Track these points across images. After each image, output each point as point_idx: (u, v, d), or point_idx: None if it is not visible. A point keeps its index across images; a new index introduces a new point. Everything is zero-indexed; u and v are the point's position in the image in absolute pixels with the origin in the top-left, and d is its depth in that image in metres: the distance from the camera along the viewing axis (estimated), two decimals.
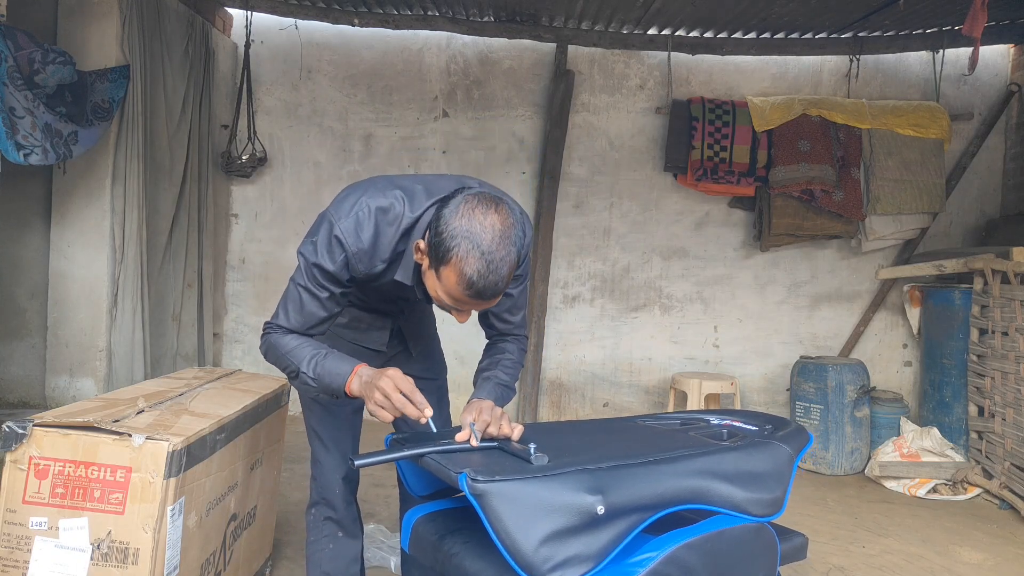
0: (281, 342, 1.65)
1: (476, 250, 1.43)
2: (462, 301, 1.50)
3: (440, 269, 1.47)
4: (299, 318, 1.65)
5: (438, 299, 1.54)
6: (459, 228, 1.44)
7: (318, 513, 1.95)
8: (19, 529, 1.65)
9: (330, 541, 1.93)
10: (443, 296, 1.51)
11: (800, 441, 1.71)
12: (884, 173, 4.72)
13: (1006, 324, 3.67)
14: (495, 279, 1.45)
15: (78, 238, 3.78)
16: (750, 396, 5.08)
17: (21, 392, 3.90)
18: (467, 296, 1.47)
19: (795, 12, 4.50)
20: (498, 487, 1.27)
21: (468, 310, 1.56)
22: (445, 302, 1.52)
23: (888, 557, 3.00)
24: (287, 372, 1.66)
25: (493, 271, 1.45)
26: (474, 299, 1.48)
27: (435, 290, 1.52)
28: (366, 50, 5.04)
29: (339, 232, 1.58)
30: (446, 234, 1.45)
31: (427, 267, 1.52)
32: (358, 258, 1.59)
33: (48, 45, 3.29)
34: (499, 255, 1.45)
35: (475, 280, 1.44)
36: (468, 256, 1.43)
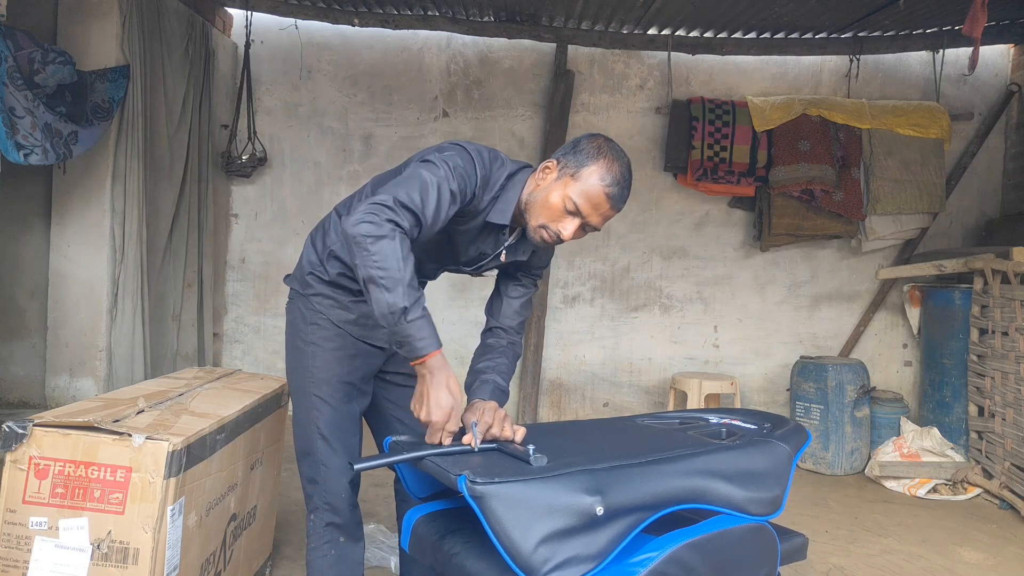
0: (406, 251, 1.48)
1: (620, 163, 1.66)
2: (593, 201, 1.65)
3: (582, 170, 1.64)
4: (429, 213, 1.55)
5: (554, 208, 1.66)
6: (606, 146, 1.67)
7: (319, 519, 1.87)
8: (19, 529, 1.65)
9: (332, 547, 1.87)
10: (571, 198, 1.64)
11: (799, 440, 1.71)
12: (884, 173, 4.72)
13: (1006, 324, 3.67)
14: (625, 193, 1.68)
15: (78, 238, 3.78)
16: (750, 396, 5.08)
17: (21, 392, 3.90)
18: (606, 193, 1.64)
19: (795, 12, 4.50)
20: (497, 489, 1.27)
21: (579, 219, 1.68)
22: (567, 206, 1.65)
23: (888, 557, 3.00)
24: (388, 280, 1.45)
25: (627, 184, 1.68)
26: (607, 199, 1.65)
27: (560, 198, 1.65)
28: (366, 50, 5.04)
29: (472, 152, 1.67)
30: (592, 147, 1.66)
31: (553, 180, 1.68)
32: (482, 180, 1.68)
33: (48, 45, 3.29)
34: (629, 179, 1.69)
35: (620, 178, 1.65)
36: (615, 163, 1.65)
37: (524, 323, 2.00)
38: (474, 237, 1.79)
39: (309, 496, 1.89)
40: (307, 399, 1.87)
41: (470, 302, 4.95)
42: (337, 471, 1.85)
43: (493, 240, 1.80)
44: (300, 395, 1.89)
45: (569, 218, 1.67)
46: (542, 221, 1.69)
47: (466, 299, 4.98)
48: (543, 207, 1.68)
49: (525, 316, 1.99)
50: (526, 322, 2.01)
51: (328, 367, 1.85)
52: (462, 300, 4.98)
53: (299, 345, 1.91)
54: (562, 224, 1.68)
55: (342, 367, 1.85)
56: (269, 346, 5.04)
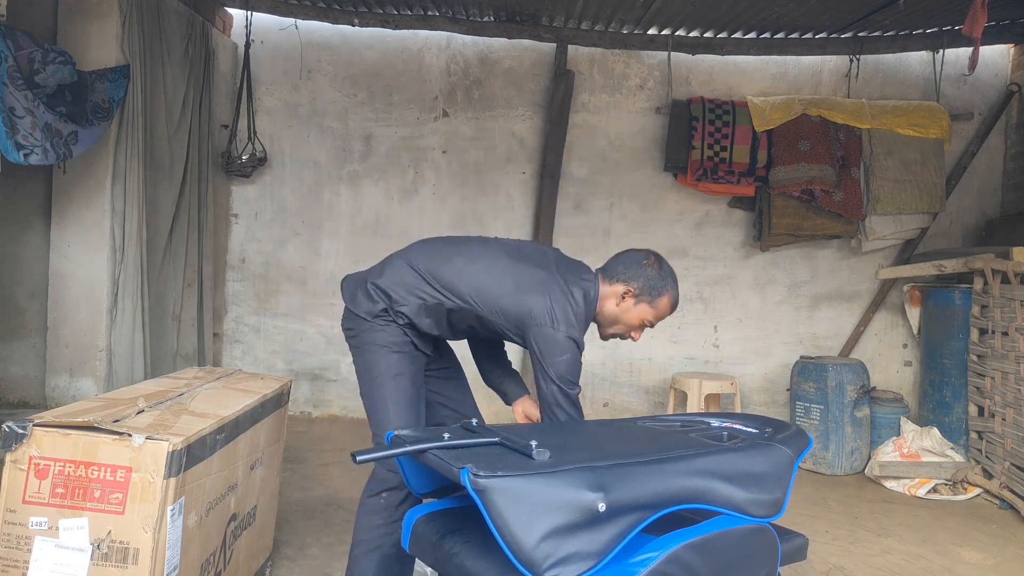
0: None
1: (675, 282, 2.21)
2: (662, 316, 2.21)
3: (657, 300, 2.17)
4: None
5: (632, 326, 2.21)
6: (667, 271, 2.19)
7: (392, 497, 2.00)
8: (19, 529, 1.65)
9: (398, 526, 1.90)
10: (648, 320, 2.20)
11: (800, 444, 1.71)
12: (884, 173, 4.72)
13: (1006, 324, 3.67)
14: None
15: (78, 238, 3.78)
16: (750, 396, 5.08)
17: (21, 392, 3.90)
18: (672, 309, 2.22)
19: (795, 12, 4.50)
20: (500, 483, 1.27)
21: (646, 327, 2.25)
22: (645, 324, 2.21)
23: (888, 557, 3.00)
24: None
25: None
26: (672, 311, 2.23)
27: (638, 320, 2.19)
28: (366, 50, 5.04)
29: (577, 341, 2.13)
30: (658, 276, 2.17)
31: (632, 306, 2.17)
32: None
33: (48, 45, 3.29)
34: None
35: (677, 300, 2.22)
36: (675, 286, 2.20)
37: None
38: None
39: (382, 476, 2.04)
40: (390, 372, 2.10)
41: None
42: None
43: None
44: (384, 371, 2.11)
45: (642, 330, 2.24)
46: (618, 331, 2.24)
47: None
48: (622, 323, 2.21)
49: None
50: None
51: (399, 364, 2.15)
52: None
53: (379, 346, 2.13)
54: (635, 333, 2.24)
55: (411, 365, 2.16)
56: (269, 346, 5.04)
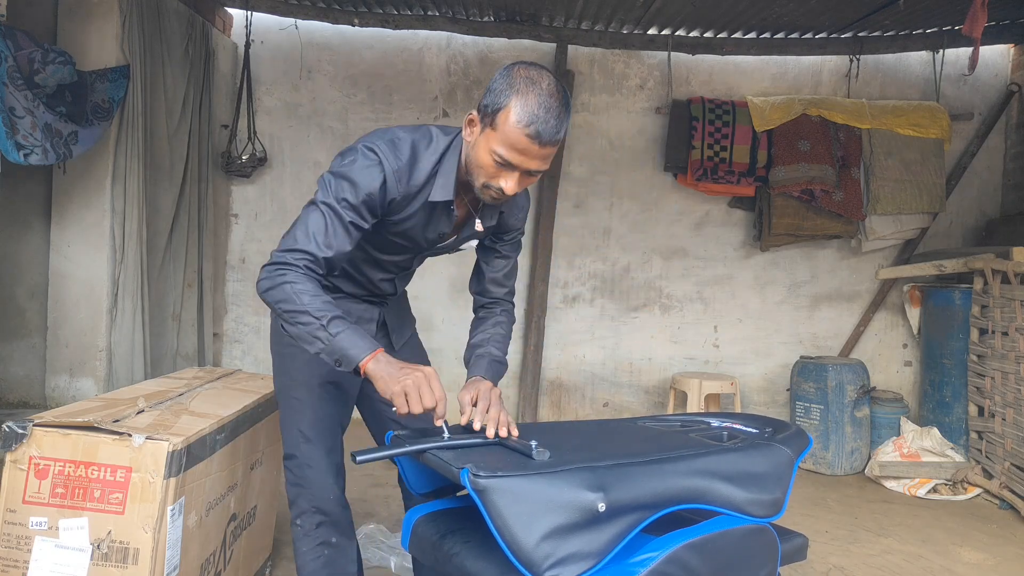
0: (300, 282, 1.52)
1: (535, 90, 1.48)
2: (518, 148, 1.50)
3: (497, 116, 1.50)
4: (325, 242, 1.56)
5: (486, 166, 1.55)
6: (517, 77, 1.50)
7: (307, 522, 1.82)
8: (19, 529, 1.65)
9: (325, 547, 1.83)
10: (496, 152, 1.52)
11: (800, 444, 1.71)
12: (884, 173, 4.72)
13: (1006, 324, 3.67)
14: (555, 122, 1.49)
15: (78, 238, 3.78)
16: (750, 396, 5.08)
17: (21, 392, 3.90)
18: (526, 136, 1.48)
19: (795, 12, 4.50)
20: (500, 483, 1.27)
21: (517, 171, 1.55)
22: (496, 160, 1.53)
23: (888, 557, 3.00)
24: (294, 316, 1.51)
25: (552, 113, 1.48)
26: (532, 140, 1.48)
27: (487, 153, 1.54)
28: (366, 50, 5.04)
29: (377, 150, 1.60)
30: (503, 84, 1.51)
31: (478, 135, 1.56)
32: (397, 176, 1.61)
33: (48, 45, 3.29)
34: (556, 102, 1.49)
35: (534, 119, 1.47)
36: (529, 94, 1.48)
37: (513, 290, 1.99)
38: (425, 222, 1.74)
39: (293, 501, 1.85)
40: (288, 402, 1.86)
41: (471, 301, 4.94)
42: (322, 472, 1.82)
43: (447, 218, 1.75)
44: (282, 398, 1.89)
45: (504, 171, 1.55)
46: (482, 180, 1.59)
47: (467, 299, 4.93)
48: (477, 167, 1.58)
49: (511, 283, 1.98)
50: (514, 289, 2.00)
51: (308, 368, 1.84)
52: (463, 300, 4.98)
53: (279, 348, 1.92)
54: (501, 179, 1.56)
55: (322, 367, 1.80)
56: (269, 346, 5.03)
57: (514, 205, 1.87)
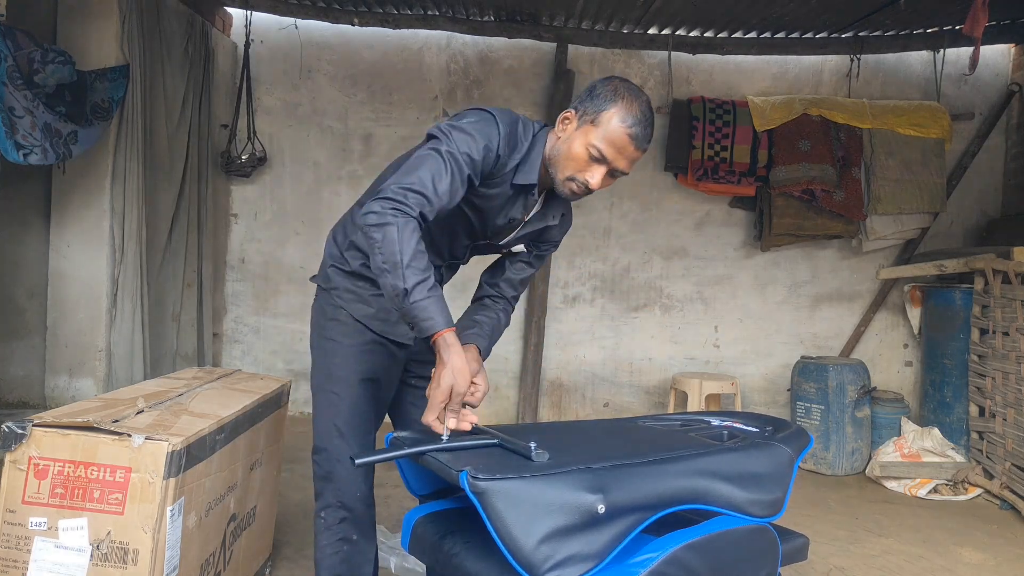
0: (412, 232, 1.48)
1: (639, 101, 1.64)
2: (617, 145, 1.63)
3: (601, 115, 1.63)
4: (443, 189, 1.55)
5: (578, 159, 1.65)
6: (622, 87, 1.65)
7: (331, 516, 1.83)
8: (19, 529, 1.65)
9: (345, 543, 1.83)
10: (594, 145, 1.63)
11: (800, 443, 1.71)
12: (885, 173, 4.71)
13: (1007, 324, 3.67)
14: (649, 131, 1.65)
15: (77, 238, 3.78)
16: (751, 396, 5.08)
17: (21, 392, 3.90)
18: (628, 135, 1.62)
19: (796, 12, 4.50)
20: (499, 485, 1.26)
21: (606, 166, 1.66)
22: (592, 154, 1.64)
23: (889, 557, 3.00)
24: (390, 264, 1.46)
25: (650, 123, 1.65)
26: (631, 140, 1.62)
27: (583, 147, 1.64)
28: (366, 50, 5.04)
29: (493, 111, 1.68)
30: (608, 91, 1.64)
31: (573, 130, 1.68)
32: (507, 141, 1.67)
33: (48, 45, 3.28)
34: (651, 115, 1.66)
35: (642, 117, 1.63)
36: (634, 102, 1.63)
37: (519, 296, 2.04)
38: (503, 204, 1.79)
39: (320, 493, 1.85)
40: (325, 395, 1.85)
41: (469, 302, 4.94)
42: (352, 468, 1.81)
43: (522, 205, 1.80)
44: (319, 391, 1.88)
45: (595, 166, 1.66)
46: (568, 173, 1.68)
47: (465, 299, 4.91)
48: (568, 159, 1.67)
49: (522, 290, 2.03)
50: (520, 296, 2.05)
51: (346, 363, 1.84)
52: (462, 300, 4.94)
53: (319, 342, 1.91)
54: (589, 173, 1.67)
55: (360, 363, 1.83)
56: (269, 346, 5.03)
57: (564, 220, 1.95)
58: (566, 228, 1.98)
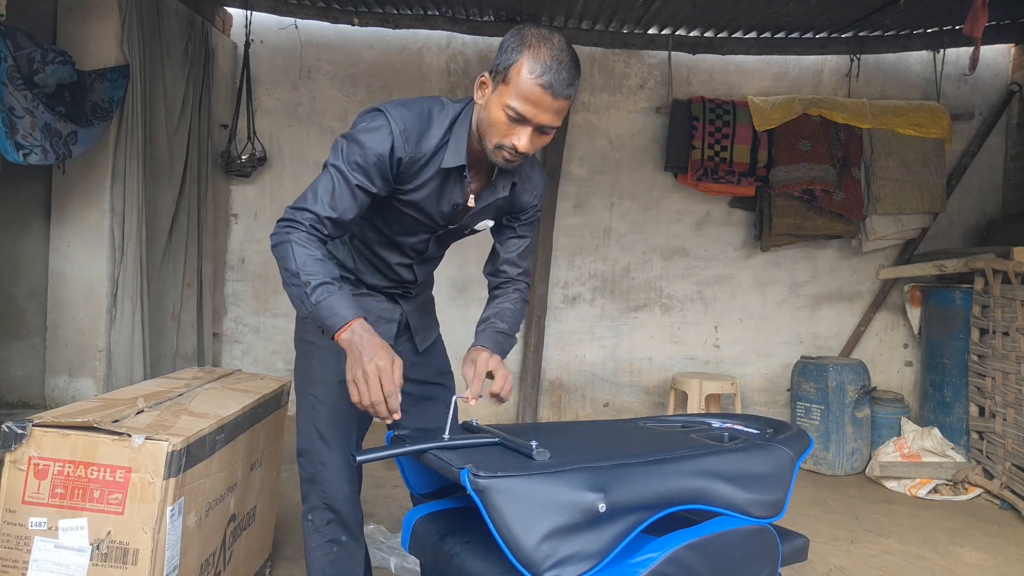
0: (301, 243, 1.56)
1: (547, 44, 1.52)
2: (532, 100, 1.52)
3: (510, 71, 1.53)
4: (331, 203, 1.59)
5: (499, 123, 1.56)
6: (529, 35, 1.54)
7: (319, 517, 1.83)
8: (18, 529, 1.65)
9: (334, 545, 1.84)
10: (510, 106, 1.53)
11: (801, 445, 1.71)
12: (885, 173, 4.71)
13: (1007, 324, 3.67)
14: (566, 75, 1.52)
15: (77, 238, 3.78)
16: (751, 396, 5.08)
17: (20, 392, 3.90)
18: (539, 86, 1.50)
19: (795, 12, 4.50)
20: (500, 483, 1.26)
21: (530, 125, 1.55)
22: (510, 115, 1.54)
23: (889, 557, 3.00)
24: (289, 276, 1.56)
25: (564, 66, 1.52)
26: (546, 91, 1.50)
27: (500, 110, 1.55)
28: (366, 50, 5.04)
29: (386, 111, 1.62)
30: (515, 41, 1.54)
31: (490, 94, 1.58)
32: (405, 136, 1.61)
33: (48, 45, 3.28)
34: (567, 57, 1.53)
35: (550, 65, 1.50)
36: (541, 47, 1.52)
37: (527, 271, 1.96)
38: (439, 191, 1.73)
39: (306, 496, 1.86)
40: (306, 398, 1.87)
41: (470, 302, 4.95)
42: (335, 470, 1.83)
43: (460, 187, 1.73)
44: (300, 394, 1.90)
45: (517, 127, 1.56)
46: (495, 141, 1.59)
47: (466, 299, 4.98)
48: (490, 126, 1.58)
49: (526, 264, 1.95)
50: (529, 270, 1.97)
51: (324, 365, 1.85)
52: (462, 300, 4.98)
53: (298, 344, 1.94)
54: (514, 136, 1.57)
55: (338, 364, 1.77)
56: (269, 346, 5.03)
57: (527, 180, 1.84)
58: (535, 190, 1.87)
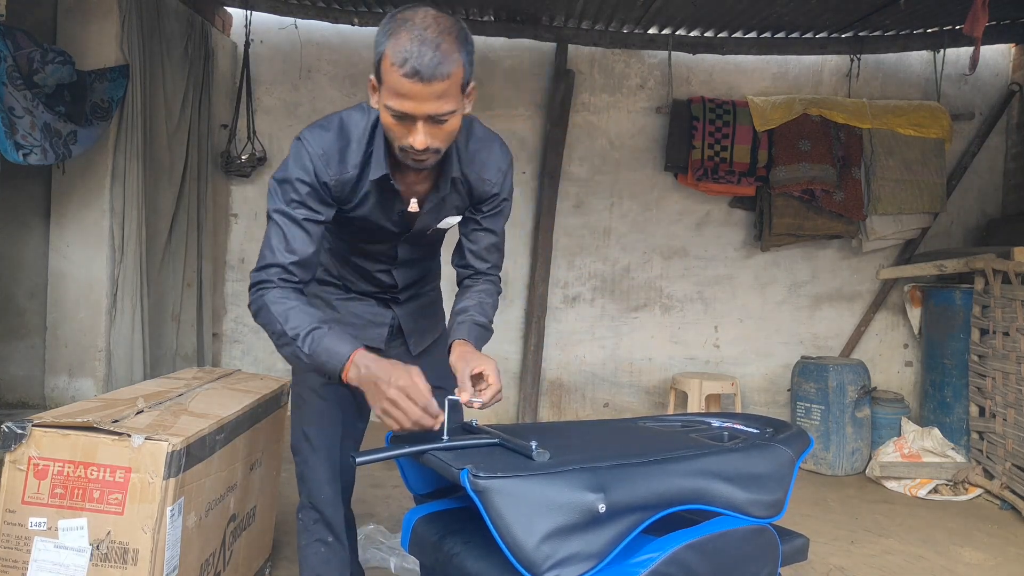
0: (277, 301, 1.53)
1: (407, 26, 1.38)
2: (402, 93, 1.38)
3: (380, 68, 1.41)
4: (286, 247, 1.56)
5: (391, 126, 1.46)
6: (391, 21, 1.41)
7: (307, 517, 1.87)
8: (18, 529, 1.65)
9: (322, 545, 1.86)
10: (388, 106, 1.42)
11: (801, 444, 1.71)
12: (885, 173, 4.71)
13: (1007, 324, 3.67)
14: (432, 54, 1.36)
15: (77, 238, 3.78)
16: (751, 396, 5.08)
17: (20, 392, 3.90)
18: (404, 76, 1.36)
19: (795, 11, 4.50)
20: (500, 483, 1.26)
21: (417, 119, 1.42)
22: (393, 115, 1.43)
23: (889, 557, 3.00)
24: (278, 338, 1.53)
25: (428, 45, 1.36)
26: (412, 79, 1.36)
27: (385, 113, 1.45)
28: (366, 50, 5.03)
29: (302, 138, 1.57)
30: (380, 34, 1.41)
31: (378, 99, 1.47)
32: (325, 160, 1.55)
33: (47, 45, 3.28)
34: (433, 33, 1.38)
35: (407, 54, 1.35)
36: (401, 32, 1.38)
37: (497, 265, 1.86)
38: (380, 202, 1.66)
39: (299, 493, 1.90)
40: (297, 399, 1.90)
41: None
42: (317, 471, 1.85)
43: (397, 195, 1.66)
44: (293, 395, 1.93)
45: (407, 125, 1.44)
46: (397, 144, 1.49)
47: None
48: (387, 130, 1.50)
49: (495, 259, 1.85)
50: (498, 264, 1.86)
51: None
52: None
53: None
54: (408, 137, 1.45)
55: None
56: (268, 346, 5.01)
57: (482, 168, 1.71)
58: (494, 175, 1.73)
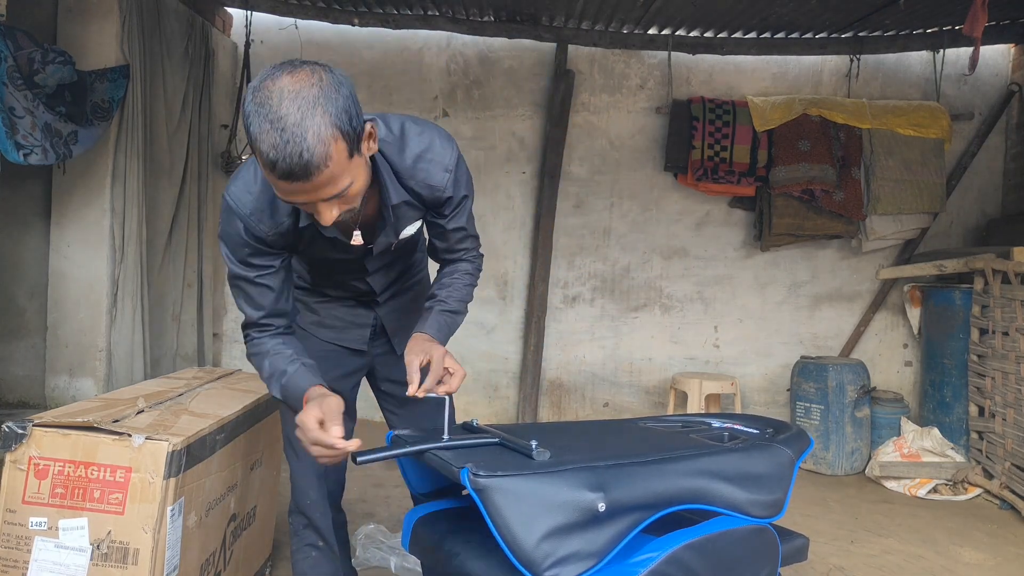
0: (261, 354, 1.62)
1: (265, 122, 1.21)
2: (286, 193, 1.28)
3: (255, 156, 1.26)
4: (252, 305, 1.62)
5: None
6: (250, 107, 1.23)
7: (296, 521, 1.90)
8: (19, 529, 1.65)
9: (312, 549, 1.88)
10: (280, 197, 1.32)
11: (801, 445, 1.71)
12: (884, 173, 4.71)
13: (1007, 324, 3.67)
14: (297, 149, 1.21)
15: (78, 238, 3.78)
16: (750, 396, 5.08)
17: (21, 392, 3.90)
18: (281, 181, 1.24)
19: (795, 12, 4.50)
20: (500, 482, 1.27)
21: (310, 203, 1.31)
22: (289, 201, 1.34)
23: (888, 557, 3.00)
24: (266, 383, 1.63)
25: (291, 139, 1.20)
26: (288, 181, 1.23)
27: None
28: (366, 50, 5.04)
29: (229, 198, 1.51)
30: (244, 110, 1.24)
31: None
32: (255, 218, 1.50)
33: (48, 45, 3.28)
34: (293, 118, 1.21)
35: (274, 156, 1.21)
36: (261, 123, 1.21)
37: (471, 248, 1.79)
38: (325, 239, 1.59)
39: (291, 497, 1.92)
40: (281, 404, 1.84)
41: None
42: (301, 476, 1.86)
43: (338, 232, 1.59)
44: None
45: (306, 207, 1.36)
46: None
47: None
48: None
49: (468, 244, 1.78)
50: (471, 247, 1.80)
51: None
52: None
53: None
54: (315, 215, 1.36)
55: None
56: None
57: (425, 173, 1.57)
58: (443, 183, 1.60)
